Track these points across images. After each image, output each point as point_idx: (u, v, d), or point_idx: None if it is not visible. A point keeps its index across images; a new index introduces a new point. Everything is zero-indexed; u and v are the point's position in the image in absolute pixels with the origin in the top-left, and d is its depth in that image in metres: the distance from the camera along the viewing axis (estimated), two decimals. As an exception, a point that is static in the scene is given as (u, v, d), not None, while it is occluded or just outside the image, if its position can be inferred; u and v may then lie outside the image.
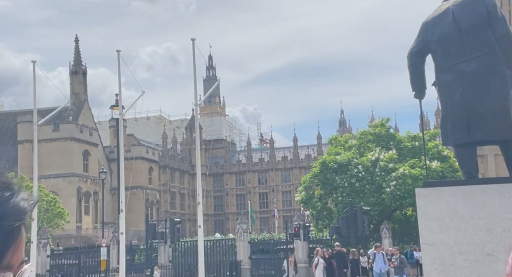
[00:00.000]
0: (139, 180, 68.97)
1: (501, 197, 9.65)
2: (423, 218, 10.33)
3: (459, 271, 9.64)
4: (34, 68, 22.52)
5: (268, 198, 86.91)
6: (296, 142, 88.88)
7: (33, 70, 22.44)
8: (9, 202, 0.77)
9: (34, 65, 22.67)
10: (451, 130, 10.67)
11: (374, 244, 20.91)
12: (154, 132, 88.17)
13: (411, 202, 37.31)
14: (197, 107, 24.67)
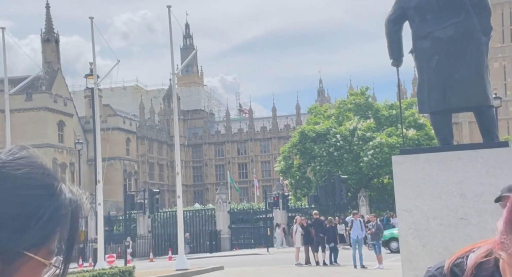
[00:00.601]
0: (117, 151, 68.44)
1: (474, 163, 9.79)
2: (399, 185, 10.46)
3: (433, 235, 9.82)
4: (3, 35, 21.95)
5: (247, 168, 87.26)
6: (275, 112, 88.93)
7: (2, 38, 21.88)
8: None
9: (3, 32, 22.09)
10: (427, 97, 10.73)
11: (352, 211, 21.18)
12: (131, 103, 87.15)
13: (388, 170, 37.78)
14: (174, 77, 24.38)
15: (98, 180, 20.25)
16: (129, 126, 75.70)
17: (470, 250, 1.12)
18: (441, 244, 9.72)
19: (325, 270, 17.99)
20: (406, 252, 10.08)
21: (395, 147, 37.77)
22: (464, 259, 1.10)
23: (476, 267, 1.06)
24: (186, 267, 18.42)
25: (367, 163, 41.10)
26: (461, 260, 1.11)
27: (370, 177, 43.74)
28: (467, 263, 1.08)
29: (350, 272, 16.22)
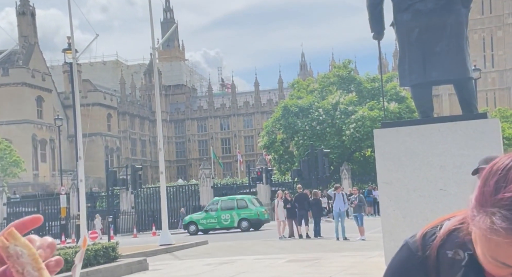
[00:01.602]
0: (98, 126, 67.85)
1: (454, 135, 9.90)
2: (380, 158, 10.55)
3: (414, 206, 9.97)
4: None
5: (231, 143, 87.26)
6: (258, 86, 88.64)
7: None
8: None
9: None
10: (408, 70, 10.77)
11: (334, 185, 21.36)
12: (111, 78, 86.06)
13: (370, 144, 38.07)
14: (155, 51, 24.05)
15: (79, 156, 20.07)
16: (110, 101, 74.91)
17: (446, 219, 1.12)
18: (421, 215, 9.87)
19: (308, 242, 18.21)
20: (387, 224, 10.24)
21: (377, 120, 38.02)
22: (438, 227, 1.10)
23: (448, 234, 1.06)
24: (170, 242, 18.50)
25: (349, 136, 41.37)
26: (435, 228, 1.11)
27: (353, 150, 44.09)
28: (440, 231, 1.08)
29: (333, 244, 16.45)
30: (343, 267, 10.49)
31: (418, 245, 1.09)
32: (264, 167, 38.08)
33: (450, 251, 1.05)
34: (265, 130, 46.95)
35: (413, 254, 1.08)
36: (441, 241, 1.06)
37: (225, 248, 17.56)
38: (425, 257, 1.07)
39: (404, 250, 1.11)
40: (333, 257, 12.29)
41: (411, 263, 1.09)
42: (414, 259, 1.08)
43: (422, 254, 1.07)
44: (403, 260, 1.11)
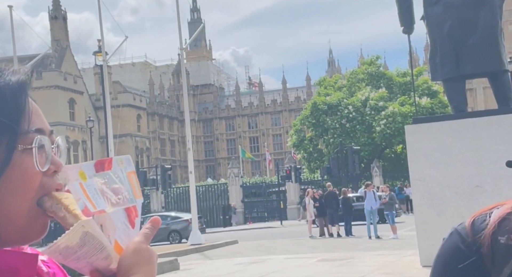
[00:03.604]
0: (128, 127, 68.62)
1: (489, 129, 9.59)
2: (412, 154, 10.31)
3: (448, 204, 9.70)
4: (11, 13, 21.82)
5: (259, 142, 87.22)
6: (285, 84, 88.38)
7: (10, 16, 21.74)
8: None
9: (11, 11, 21.95)
10: (440, 64, 10.48)
11: (365, 183, 21.08)
12: (140, 79, 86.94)
13: (401, 140, 37.48)
14: (183, 51, 24.14)
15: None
16: (139, 102, 75.67)
17: (494, 207, 1.10)
18: (456, 213, 9.60)
19: (340, 241, 18.00)
20: (421, 222, 9.99)
21: (408, 116, 37.41)
22: (488, 215, 1.08)
23: (499, 222, 1.05)
24: (200, 241, 18.52)
25: (379, 133, 40.85)
26: (484, 215, 1.09)
27: (383, 147, 43.52)
28: (490, 218, 1.07)
29: (365, 243, 16.21)
30: (376, 267, 10.29)
31: (468, 232, 1.07)
32: (293, 165, 37.89)
33: (502, 237, 1.05)
34: (294, 129, 46.72)
35: (463, 240, 1.08)
36: (493, 228, 1.05)
37: (255, 247, 17.49)
38: (475, 243, 1.06)
39: (454, 236, 1.11)
40: (366, 256, 12.08)
41: (462, 249, 1.09)
42: (464, 245, 1.08)
43: (472, 240, 1.07)
44: (453, 247, 1.10)
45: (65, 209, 0.76)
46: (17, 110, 0.74)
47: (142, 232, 0.79)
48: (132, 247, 0.77)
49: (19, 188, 0.73)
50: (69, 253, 0.73)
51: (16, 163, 0.73)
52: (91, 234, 0.74)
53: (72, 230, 0.73)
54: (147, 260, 0.77)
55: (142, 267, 0.76)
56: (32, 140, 0.74)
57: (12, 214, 0.73)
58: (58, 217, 0.76)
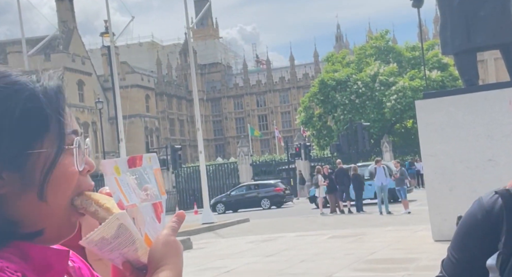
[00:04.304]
0: (137, 108, 68.70)
1: (501, 102, 9.45)
2: (423, 130, 10.21)
3: (461, 178, 9.63)
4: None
5: (268, 120, 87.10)
6: (293, 61, 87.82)
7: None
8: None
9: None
10: (451, 37, 10.30)
11: (375, 159, 20.99)
12: (147, 59, 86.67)
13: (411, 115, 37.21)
14: (190, 30, 23.94)
15: (120, 138, 20.30)
16: (147, 83, 75.59)
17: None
18: (469, 187, 9.53)
19: (351, 218, 18.03)
20: (433, 197, 9.94)
21: (418, 90, 37.07)
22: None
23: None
24: (212, 220, 18.61)
25: (390, 108, 40.58)
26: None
27: (393, 122, 43.28)
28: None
29: (376, 219, 16.22)
30: (388, 242, 10.29)
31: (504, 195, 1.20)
32: (302, 143, 37.83)
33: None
34: (303, 106, 46.52)
35: (481, 208, 1.19)
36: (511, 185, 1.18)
37: (267, 225, 17.56)
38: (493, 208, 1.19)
39: (476, 203, 1.23)
40: (377, 232, 12.09)
41: (478, 218, 1.20)
42: (481, 213, 1.19)
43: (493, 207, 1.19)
44: (471, 215, 1.23)
45: (95, 204, 0.81)
46: (60, 113, 0.79)
47: (170, 225, 0.84)
48: (161, 239, 0.82)
49: (61, 187, 0.77)
50: (104, 244, 0.78)
51: (59, 163, 0.77)
52: (124, 226, 0.78)
53: (108, 222, 0.78)
54: (175, 251, 0.81)
55: (171, 259, 0.80)
56: (72, 141, 0.79)
57: (54, 213, 0.77)
58: (89, 212, 0.81)
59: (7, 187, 0.75)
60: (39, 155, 0.76)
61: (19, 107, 0.76)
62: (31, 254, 0.76)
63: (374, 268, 7.86)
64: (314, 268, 8.30)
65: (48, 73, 0.82)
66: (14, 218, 0.76)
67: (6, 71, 0.79)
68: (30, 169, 0.75)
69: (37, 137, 0.76)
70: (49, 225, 0.78)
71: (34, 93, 0.78)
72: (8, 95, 0.76)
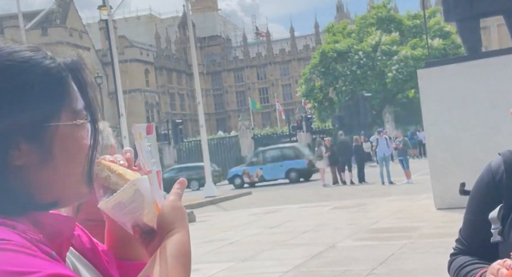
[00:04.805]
0: (136, 83, 68.37)
1: (505, 69, 9.34)
2: (426, 99, 10.11)
3: (463, 147, 9.58)
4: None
5: (268, 92, 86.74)
6: (293, 32, 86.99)
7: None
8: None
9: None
10: (453, 4, 10.12)
11: (377, 130, 20.95)
12: (146, 33, 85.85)
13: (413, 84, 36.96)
14: (188, 2, 23.65)
15: (121, 113, 20.22)
16: (146, 57, 75.03)
17: None
18: (472, 155, 9.49)
19: (353, 188, 18.08)
20: (435, 166, 9.91)
21: (420, 59, 36.73)
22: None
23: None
24: (214, 194, 18.68)
25: (391, 78, 40.31)
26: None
27: (395, 92, 43.07)
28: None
29: (379, 189, 16.25)
30: (391, 212, 10.31)
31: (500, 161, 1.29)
32: (303, 115, 37.72)
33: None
34: (303, 78, 46.21)
35: (489, 169, 1.29)
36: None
37: (269, 198, 17.63)
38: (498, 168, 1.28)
39: (485, 167, 1.33)
40: (380, 202, 12.12)
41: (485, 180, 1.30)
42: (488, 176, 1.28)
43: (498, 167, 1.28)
44: (482, 175, 1.32)
45: (108, 169, 0.87)
46: (71, 90, 0.83)
47: (175, 192, 0.90)
48: (170, 205, 0.88)
49: (75, 156, 0.82)
50: (120, 207, 0.84)
51: (74, 136, 0.82)
52: (140, 191, 0.84)
53: (127, 187, 0.84)
54: (183, 215, 0.88)
55: (181, 222, 0.87)
56: (84, 115, 0.83)
57: (69, 183, 0.82)
58: (101, 177, 0.87)
59: (24, 158, 0.77)
60: (56, 128, 0.79)
61: (36, 82, 0.78)
62: (43, 221, 0.79)
63: (377, 237, 7.88)
64: (317, 238, 8.33)
65: (62, 50, 0.87)
66: (31, 189, 0.78)
67: (18, 47, 0.81)
68: (47, 142, 0.79)
69: (54, 111, 0.80)
70: (64, 196, 0.82)
71: (50, 69, 0.81)
72: (25, 70, 0.78)
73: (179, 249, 0.84)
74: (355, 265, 6.18)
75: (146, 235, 0.88)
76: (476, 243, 1.33)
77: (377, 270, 5.85)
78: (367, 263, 6.21)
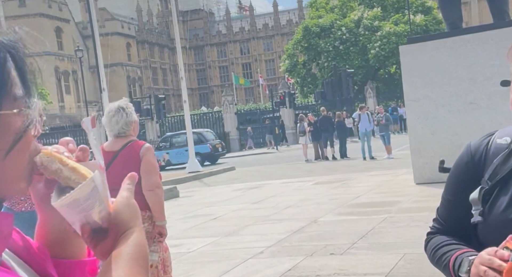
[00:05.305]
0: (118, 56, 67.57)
1: (484, 45, 9.45)
2: (407, 75, 10.21)
3: (443, 122, 9.74)
4: None
5: (252, 68, 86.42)
6: (276, 7, 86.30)
7: None
8: None
9: None
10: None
11: (359, 105, 21.09)
12: (127, 5, 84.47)
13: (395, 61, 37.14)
14: (169, -24, 23.30)
15: (103, 88, 20.02)
16: (128, 30, 74.01)
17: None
18: (450, 131, 9.66)
19: (335, 164, 18.27)
20: (415, 142, 10.07)
21: (402, 35, 36.82)
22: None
23: (502, 129, 1.34)
24: (198, 169, 18.74)
25: (374, 55, 40.41)
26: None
27: (377, 68, 43.21)
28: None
29: (360, 164, 16.46)
30: (371, 187, 10.49)
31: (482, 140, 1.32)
32: (286, 91, 37.71)
33: (500, 139, 1.28)
34: (287, 54, 46.07)
35: (468, 149, 1.32)
36: (497, 132, 1.31)
37: (252, 173, 17.75)
38: (477, 149, 1.30)
39: (464, 147, 1.35)
40: (361, 177, 12.30)
41: (464, 160, 1.32)
42: (468, 153, 1.31)
43: (477, 148, 1.30)
44: (461, 155, 1.34)
45: (59, 162, 0.78)
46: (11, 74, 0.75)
47: (127, 188, 0.82)
48: (124, 202, 0.81)
49: (19, 151, 0.75)
50: (75, 205, 0.76)
51: (16, 125, 0.74)
52: (96, 188, 0.77)
53: (85, 184, 0.76)
54: (138, 214, 0.81)
55: (137, 220, 0.80)
56: (25, 103, 0.76)
57: (10, 174, 0.74)
58: (50, 170, 0.78)
59: None
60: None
61: None
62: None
63: (357, 211, 8.04)
64: (299, 213, 8.46)
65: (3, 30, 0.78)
66: None
67: None
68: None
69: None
70: (6, 189, 0.75)
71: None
72: None
73: (138, 250, 0.77)
74: (336, 240, 6.32)
75: (95, 234, 0.79)
76: (454, 222, 1.34)
77: (357, 244, 5.99)
78: (347, 237, 6.35)
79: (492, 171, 1.24)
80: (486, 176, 1.25)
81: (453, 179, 1.35)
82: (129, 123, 3.91)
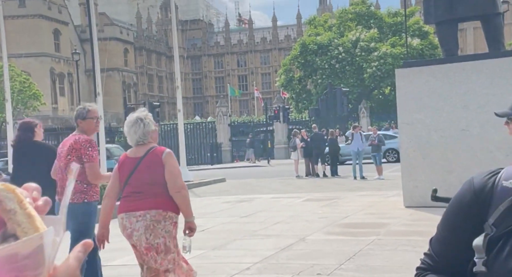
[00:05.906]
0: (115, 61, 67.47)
1: (478, 73, 9.59)
2: (402, 98, 10.32)
3: (434, 147, 9.83)
4: None
5: (248, 80, 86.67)
6: (276, 22, 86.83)
7: None
8: None
9: None
10: (434, 6, 10.31)
11: (353, 125, 21.20)
12: (127, 12, 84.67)
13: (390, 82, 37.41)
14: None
15: (98, 92, 20.01)
16: (126, 36, 74.08)
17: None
18: (442, 156, 9.75)
19: (325, 181, 18.32)
20: (407, 164, 10.15)
21: (399, 57, 37.20)
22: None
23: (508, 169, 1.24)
24: (189, 178, 18.70)
25: (370, 75, 40.75)
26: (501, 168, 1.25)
27: (372, 88, 43.53)
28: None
29: (350, 183, 16.51)
30: (361, 207, 10.53)
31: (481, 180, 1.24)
32: (281, 105, 37.86)
33: (506, 181, 1.20)
34: (283, 69, 46.35)
35: (472, 187, 1.23)
36: (503, 173, 1.23)
37: (243, 186, 17.75)
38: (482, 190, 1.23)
39: (467, 183, 1.26)
40: (351, 196, 12.34)
41: (467, 197, 1.24)
42: (471, 192, 1.23)
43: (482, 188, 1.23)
44: (463, 192, 1.26)
45: (18, 203, 0.65)
46: None
47: (76, 256, 0.69)
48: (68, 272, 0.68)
49: None
50: (10, 260, 0.62)
51: None
52: (42, 248, 0.64)
53: (32, 238, 0.64)
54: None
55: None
56: None
57: None
58: (4, 208, 0.65)
59: None
60: None
61: None
62: None
63: (346, 232, 8.07)
64: (288, 230, 8.48)
65: None
66: None
67: None
68: None
69: None
70: None
71: None
72: None
73: None
74: (324, 259, 6.34)
75: None
76: (448, 261, 1.25)
77: (345, 265, 6.02)
78: (335, 257, 6.38)
79: (498, 216, 1.17)
80: (490, 221, 1.17)
81: (452, 216, 1.25)
82: (146, 133, 4.32)
